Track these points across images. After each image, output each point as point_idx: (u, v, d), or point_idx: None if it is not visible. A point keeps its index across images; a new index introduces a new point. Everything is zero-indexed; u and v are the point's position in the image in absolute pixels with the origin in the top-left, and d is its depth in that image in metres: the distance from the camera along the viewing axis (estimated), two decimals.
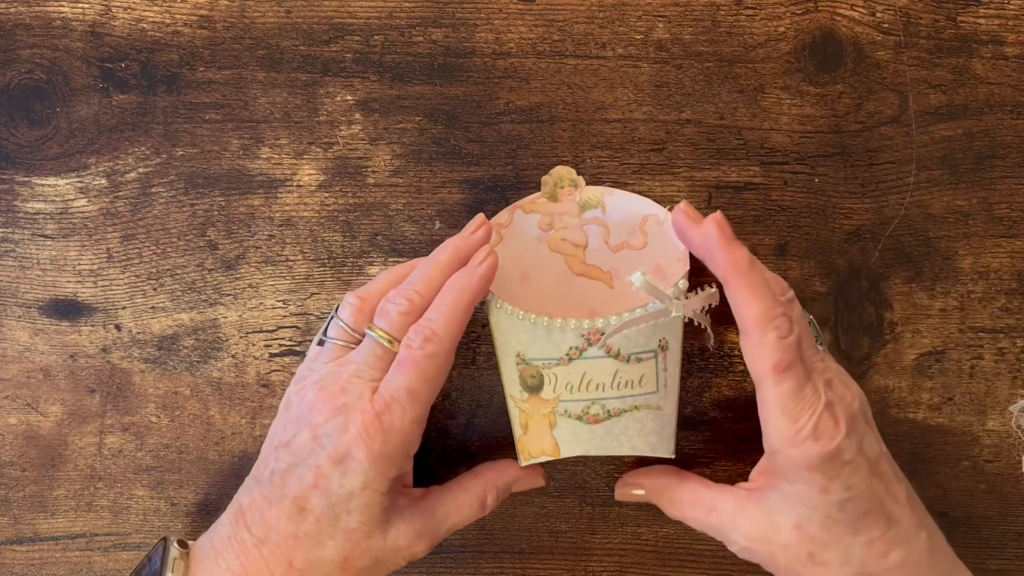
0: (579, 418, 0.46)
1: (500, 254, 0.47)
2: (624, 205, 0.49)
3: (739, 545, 0.46)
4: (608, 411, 0.46)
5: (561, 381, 0.46)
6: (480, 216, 0.47)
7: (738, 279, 0.43)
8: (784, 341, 0.43)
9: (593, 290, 0.49)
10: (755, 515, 0.46)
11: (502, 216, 0.49)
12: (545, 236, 0.49)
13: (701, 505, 0.48)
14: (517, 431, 0.48)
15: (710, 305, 0.47)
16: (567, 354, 0.45)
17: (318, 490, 0.43)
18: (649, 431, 0.47)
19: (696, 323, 0.46)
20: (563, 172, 0.50)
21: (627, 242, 0.49)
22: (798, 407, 0.43)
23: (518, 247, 0.49)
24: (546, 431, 0.47)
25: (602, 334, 0.45)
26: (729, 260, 0.43)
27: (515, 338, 0.46)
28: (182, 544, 0.46)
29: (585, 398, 0.46)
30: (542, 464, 0.48)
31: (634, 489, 0.50)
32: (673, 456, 0.48)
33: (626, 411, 0.46)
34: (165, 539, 0.46)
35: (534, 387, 0.46)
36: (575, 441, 0.47)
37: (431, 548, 0.46)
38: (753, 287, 0.43)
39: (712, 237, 0.44)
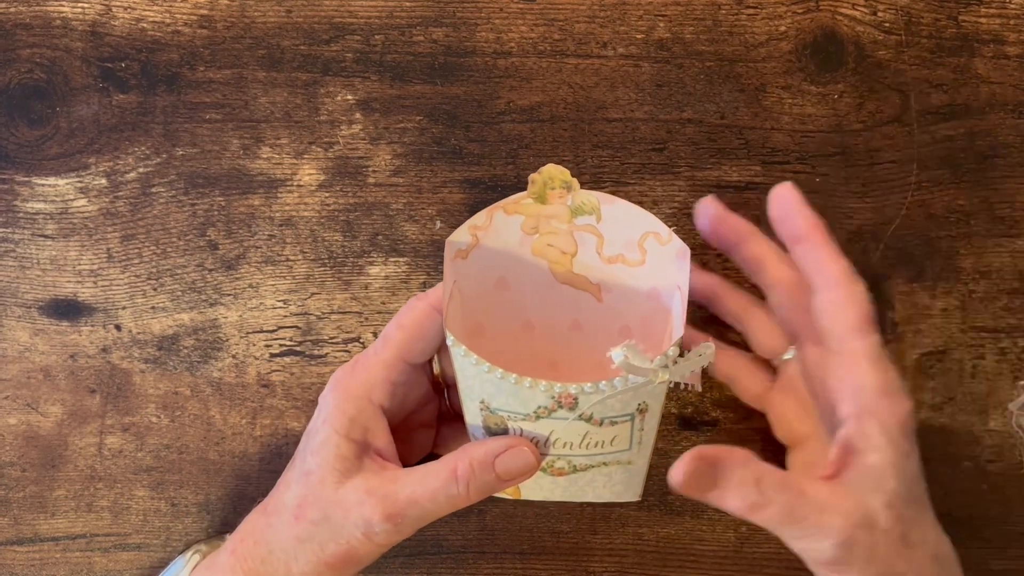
0: (543, 469, 0.43)
1: (475, 259, 0.45)
2: (624, 216, 0.45)
3: (839, 536, 0.39)
4: (574, 466, 0.43)
5: (527, 435, 0.42)
6: None
7: (817, 236, 0.42)
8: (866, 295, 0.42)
9: (579, 301, 0.46)
10: (852, 500, 0.39)
11: (479, 218, 0.45)
12: (529, 240, 0.45)
13: (792, 487, 0.39)
14: None
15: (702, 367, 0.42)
16: (534, 412, 0.41)
17: (304, 435, 0.45)
18: (616, 482, 0.44)
19: (683, 386, 0.42)
20: (555, 172, 0.44)
21: (623, 256, 0.46)
22: (884, 360, 0.41)
23: (497, 250, 0.45)
24: None
25: (574, 399, 0.40)
26: (808, 218, 0.43)
27: (480, 386, 0.41)
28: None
29: (551, 453, 0.42)
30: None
31: (704, 481, 0.40)
32: (639, 499, 0.45)
33: (593, 467, 0.43)
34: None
35: (497, 434, 0.42)
36: (537, 488, 0.43)
37: (389, 522, 0.41)
38: (831, 245, 0.42)
39: (791, 199, 0.43)
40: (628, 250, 0.45)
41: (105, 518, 0.52)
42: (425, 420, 0.48)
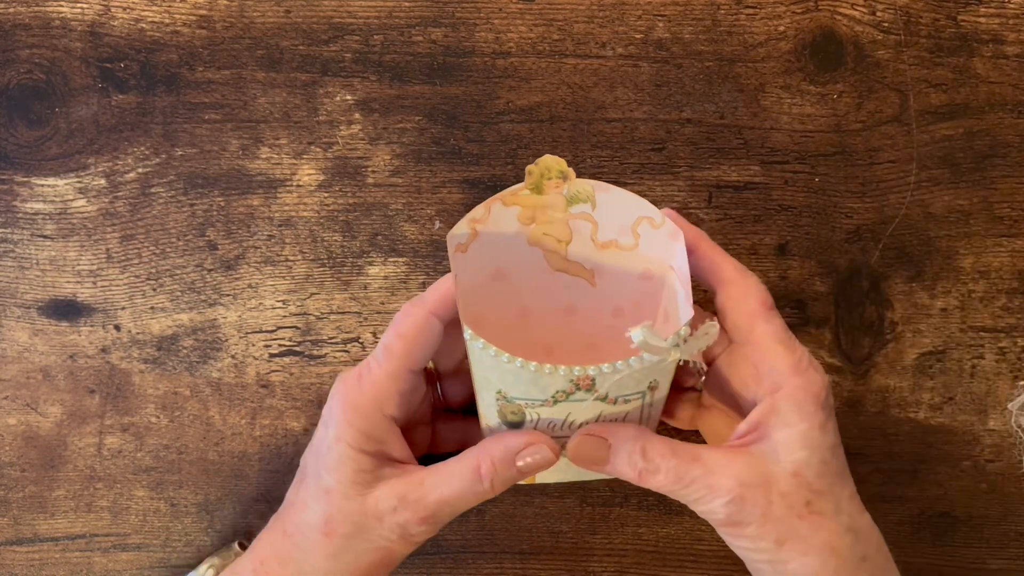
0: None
1: (474, 251, 0.45)
2: (618, 203, 0.45)
3: (728, 495, 0.41)
4: None
5: (543, 420, 0.43)
6: None
7: (704, 242, 0.44)
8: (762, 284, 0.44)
9: (573, 286, 0.47)
10: (748, 463, 0.42)
11: (478, 211, 0.45)
12: (525, 230, 0.46)
13: (682, 454, 0.42)
14: None
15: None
16: (552, 396, 0.42)
17: (311, 451, 0.45)
18: None
19: (692, 363, 0.42)
20: (551, 162, 0.45)
21: (616, 241, 0.46)
22: (792, 339, 0.43)
23: (494, 241, 0.46)
24: None
25: (592, 380, 0.41)
26: (691, 229, 0.44)
27: (498, 377, 0.42)
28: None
29: (565, 435, 0.43)
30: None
31: (593, 443, 0.43)
32: None
33: None
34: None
35: (514, 423, 0.44)
36: (552, 471, 0.45)
37: (424, 524, 0.43)
38: (718, 247, 0.44)
39: (672, 218, 0.45)
40: (622, 235, 0.46)
41: (104, 518, 0.52)
42: (422, 415, 0.48)
